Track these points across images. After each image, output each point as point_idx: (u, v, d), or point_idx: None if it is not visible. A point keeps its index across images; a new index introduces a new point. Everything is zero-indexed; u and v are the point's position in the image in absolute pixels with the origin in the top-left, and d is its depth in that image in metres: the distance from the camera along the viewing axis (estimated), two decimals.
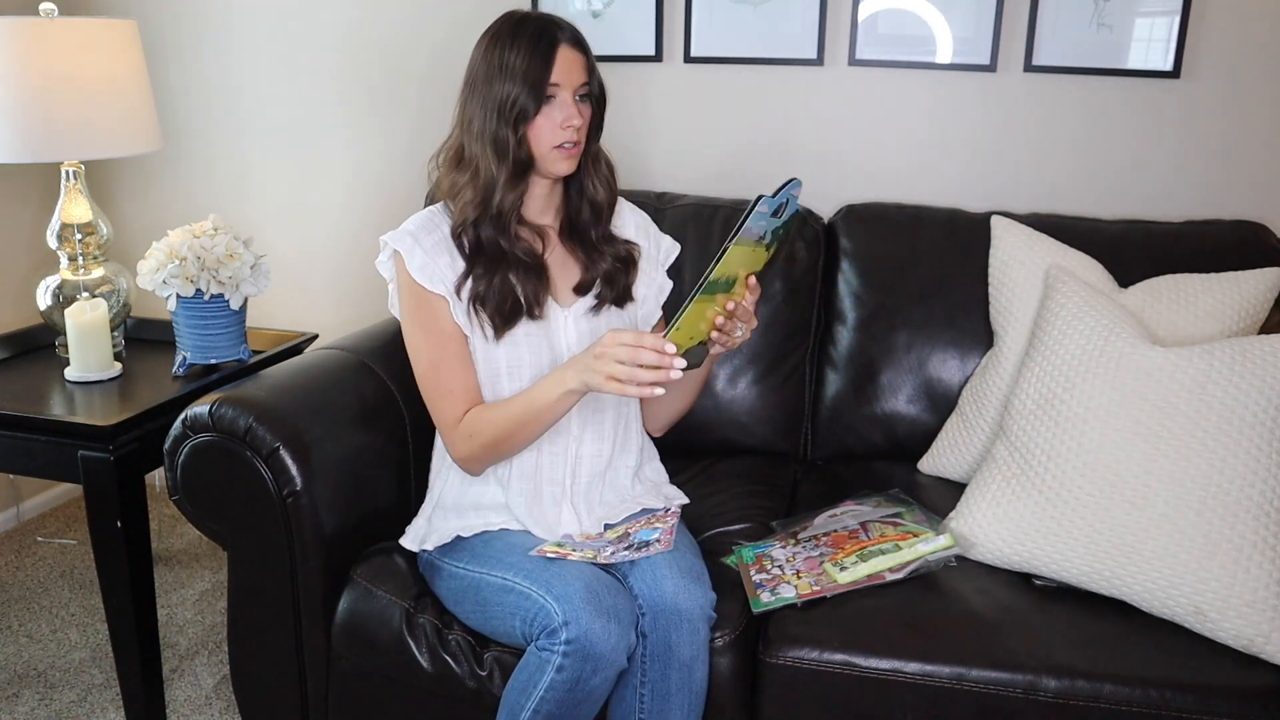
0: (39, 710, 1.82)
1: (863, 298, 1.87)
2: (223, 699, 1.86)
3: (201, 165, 2.50)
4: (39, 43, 1.73)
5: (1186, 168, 1.99)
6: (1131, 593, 1.35)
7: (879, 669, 1.30)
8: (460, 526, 1.44)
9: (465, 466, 1.43)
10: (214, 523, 1.49)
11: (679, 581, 1.29)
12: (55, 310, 1.91)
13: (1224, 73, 1.92)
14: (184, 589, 2.22)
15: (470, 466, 1.42)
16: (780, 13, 2.07)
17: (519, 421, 1.34)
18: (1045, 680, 1.26)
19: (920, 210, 1.93)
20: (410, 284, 1.39)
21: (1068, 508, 1.39)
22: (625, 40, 2.15)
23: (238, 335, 1.87)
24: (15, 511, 2.52)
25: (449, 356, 1.40)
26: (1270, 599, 1.27)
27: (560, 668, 1.20)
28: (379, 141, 2.37)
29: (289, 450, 1.41)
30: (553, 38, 1.35)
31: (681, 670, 1.28)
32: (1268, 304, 1.59)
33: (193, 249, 1.76)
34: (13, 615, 2.12)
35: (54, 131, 1.77)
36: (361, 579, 1.46)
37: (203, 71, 2.43)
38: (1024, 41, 1.98)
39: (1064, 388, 1.44)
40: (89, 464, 1.61)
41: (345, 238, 2.44)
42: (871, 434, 1.86)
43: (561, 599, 1.22)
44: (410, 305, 1.41)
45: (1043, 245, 1.70)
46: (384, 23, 2.29)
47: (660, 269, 1.57)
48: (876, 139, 2.11)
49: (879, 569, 1.38)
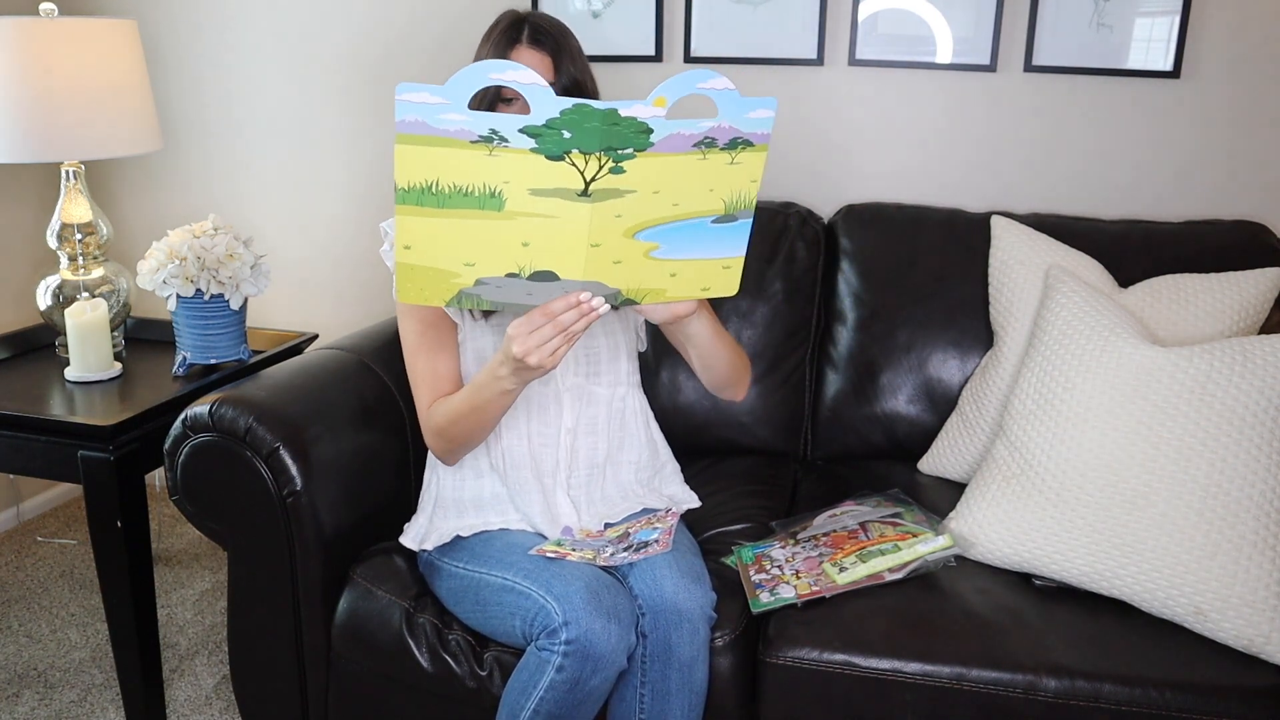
0: (39, 710, 1.82)
1: (863, 298, 1.87)
2: (223, 699, 1.86)
3: (201, 165, 2.51)
4: (39, 43, 1.73)
5: (1187, 168, 1.99)
6: (1131, 593, 1.35)
7: (879, 669, 1.30)
8: (460, 526, 1.45)
9: (439, 456, 1.43)
10: (214, 523, 1.49)
11: (679, 582, 1.29)
12: (55, 310, 1.91)
13: (1224, 73, 1.92)
14: (184, 589, 2.22)
15: (441, 456, 1.43)
16: (780, 13, 2.07)
17: (464, 412, 1.33)
18: (1045, 680, 1.26)
19: (920, 210, 1.93)
20: None
21: (1068, 508, 1.39)
22: (625, 40, 2.15)
23: (238, 335, 1.87)
24: (15, 511, 2.52)
25: (425, 343, 1.41)
26: (1270, 599, 1.27)
27: (560, 668, 1.20)
28: (379, 141, 2.37)
29: (289, 450, 1.41)
30: (512, 37, 1.34)
31: (681, 670, 1.28)
32: (1268, 304, 1.59)
33: (193, 249, 1.76)
34: (13, 615, 2.12)
35: (54, 131, 1.77)
36: (361, 579, 1.46)
37: (203, 71, 2.44)
38: (1024, 41, 1.98)
39: (1064, 388, 1.44)
40: (89, 464, 1.61)
41: (345, 237, 2.44)
42: (871, 434, 1.86)
43: (561, 599, 1.22)
44: None
45: (1043, 245, 1.70)
46: (385, 22, 2.29)
47: None
48: (876, 139, 2.11)
49: (878, 569, 1.38)
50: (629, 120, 1.04)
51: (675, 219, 1.11)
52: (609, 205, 1.07)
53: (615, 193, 1.07)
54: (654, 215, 1.10)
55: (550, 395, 1.44)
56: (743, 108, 1.06)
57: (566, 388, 1.45)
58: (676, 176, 1.07)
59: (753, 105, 1.06)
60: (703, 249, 1.14)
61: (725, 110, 1.07)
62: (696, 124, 1.05)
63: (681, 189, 1.09)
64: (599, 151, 1.04)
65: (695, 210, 1.10)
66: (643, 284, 1.15)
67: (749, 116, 1.07)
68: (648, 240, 1.11)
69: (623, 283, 1.14)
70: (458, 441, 1.38)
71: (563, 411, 1.44)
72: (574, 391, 1.46)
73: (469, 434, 1.36)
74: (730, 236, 1.14)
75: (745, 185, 1.11)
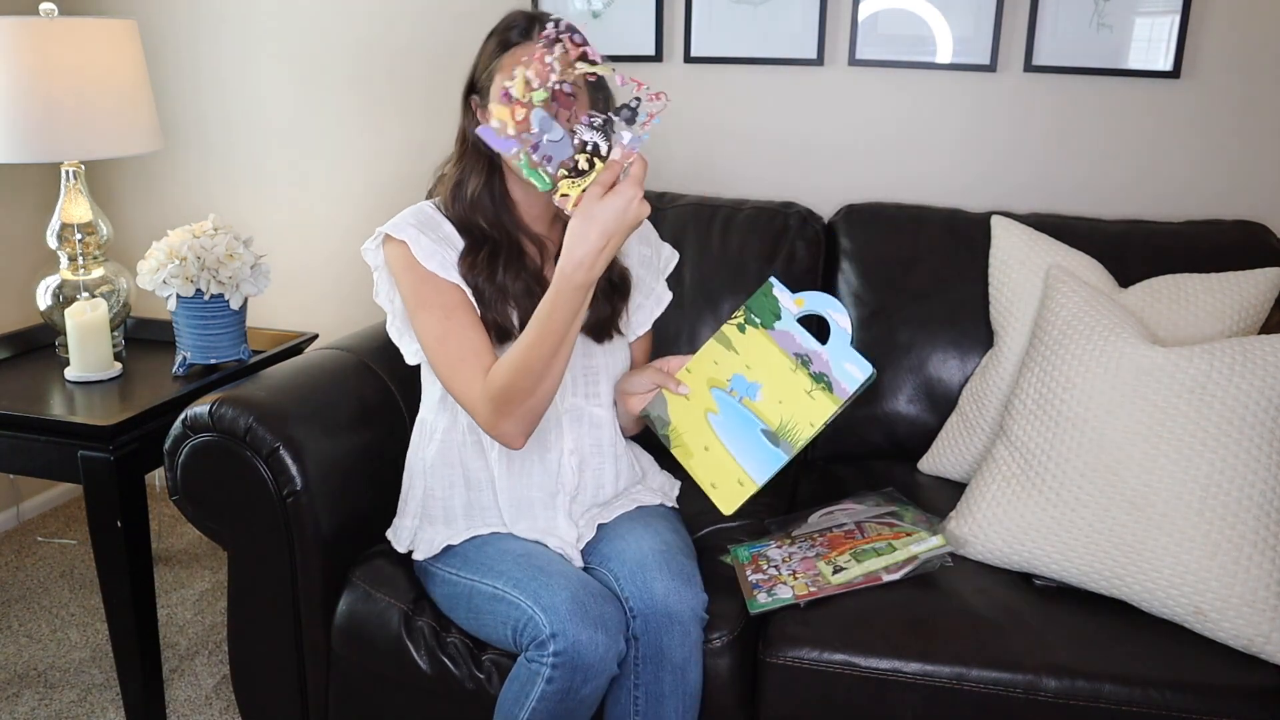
0: (39, 710, 1.82)
1: (863, 298, 1.87)
2: (223, 699, 1.86)
3: (201, 165, 2.51)
4: (39, 43, 1.73)
5: (1187, 168, 1.99)
6: (1131, 593, 1.35)
7: (879, 669, 1.30)
8: (450, 535, 1.43)
9: (506, 439, 1.29)
10: (214, 523, 1.49)
11: (669, 584, 1.29)
12: (55, 310, 1.91)
13: (1224, 73, 1.92)
14: (184, 589, 2.22)
15: (509, 437, 1.29)
16: (780, 13, 2.07)
17: (531, 343, 1.21)
18: (1045, 680, 1.26)
19: (920, 210, 1.93)
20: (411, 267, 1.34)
21: (1068, 508, 1.39)
22: (625, 40, 2.15)
23: (238, 335, 1.87)
24: (15, 511, 2.52)
25: (454, 325, 1.31)
26: (1270, 599, 1.27)
27: (550, 679, 1.20)
28: (380, 141, 2.37)
29: (289, 450, 1.41)
30: (506, 38, 1.32)
31: (674, 673, 1.28)
32: (1268, 304, 1.59)
33: (193, 249, 1.76)
34: (13, 615, 2.12)
35: (54, 131, 1.77)
36: (360, 581, 1.46)
37: (203, 71, 2.44)
38: (1024, 41, 1.98)
39: (1064, 388, 1.44)
40: (89, 464, 1.61)
41: (345, 237, 2.44)
42: (871, 434, 1.86)
43: (549, 609, 1.22)
44: (410, 289, 1.35)
45: (1043, 245, 1.70)
46: (385, 21, 2.29)
47: (660, 278, 1.56)
48: (877, 139, 2.11)
49: (874, 569, 1.38)
50: (773, 299, 1.26)
51: (743, 403, 1.26)
52: (715, 350, 1.28)
53: (727, 344, 1.28)
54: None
55: (550, 418, 1.41)
56: (844, 355, 1.21)
57: (566, 409, 1.42)
58: (770, 368, 1.24)
59: (852, 358, 1.21)
60: (740, 448, 1.25)
61: (833, 344, 1.22)
62: (808, 339, 1.23)
63: (765, 382, 1.25)
64: (742, 308, 1.28)
65: (760, 409, 1.25)
66: (684, 434, 1.29)
67: (845, 365, 1.21)
68: (717, 400, 1.27)
69: (676, 419, 1.30)
70: (529, 388, 1.23)
71: (563, 434, 1.42)
72: (573, 413, 1.43)
73: (544, 366, 1.22)
74: (764, 457, 1.25)
75: (804, 421, 1.23)
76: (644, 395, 1.38)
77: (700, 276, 1.88)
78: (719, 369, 1.28)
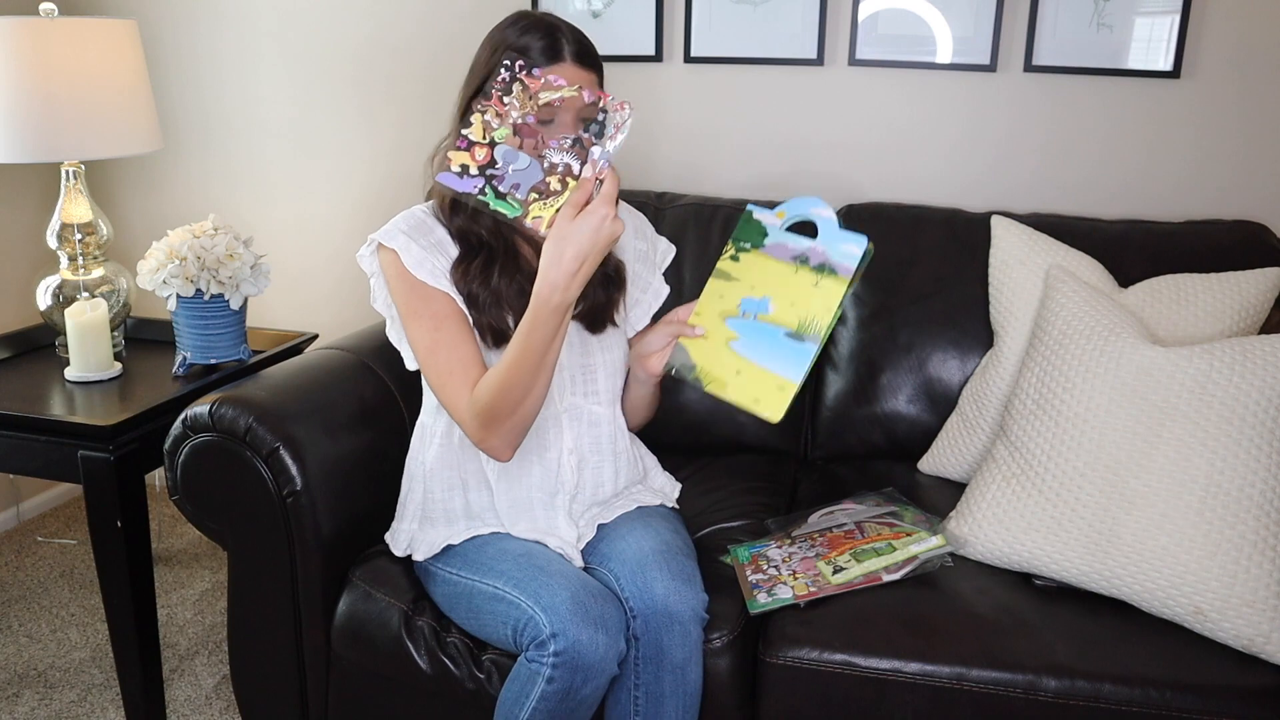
0: (39, 710, 1.82)
1: (863, 298, 1.87)
2: (223, 699, 1.86)
3: (201, 165, 2.51)
4: (39, 43, 1.73)
5: (1187, 168, 1.99)
6: (1131, 593, 1.35)
7: (879, 669, 1.30)
8: (450, 535, 1.43)
9: (493, 453, 1.30)
10: (214, 523, 1.49)
11: (669, 584, 1.29)
12: (55, 310, 1.91)
13: (1224, 73, 1.92)
14: (184, 589, 2.22)
15: (495, 450, 1.30)
16: (780, 13, 2.07)
17: (514, 360, 1.22)
18: (1045, 680, 1.26)
19: (920, 210, 1.93)
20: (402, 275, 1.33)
21: (1067, 508, 1.39)
22: (625, 40, 2.15)
23: (238, 335, 1.87)
24: (15, 511, 2.52)
25: (444, 336, 1.32)
26: (1270, 599, 1.27)
27: (550, 679, 1.20)
28: (380, 141, 2.38)
29: (289, 450, 1.41)
30: (553, 53, 1.27)
31: (674, 673, 1.28)
32: (1268, 304, 1.59)
33: (193, 249, 1.76)
34: (13, 615, 2.12)
35: (54, 131, 1.77)
36: (360, 581, 1.46)
37: (203, 71, 2.44)
38: (1024, 41, 1.98)
39: (1064, 388, 1.44)
40: (89, 464, 1.61)
41: (345, 237, 2.44)
42: (871, 434, 1.86)
43: (549, 609, 1.22)
44: (402, 298, 1.35)
45: (1043, 245, 1.70)
46: (386, 21, 2.29)
47: (656, 272, 1.56)
48: (876, 139, 2.11)
49: (874, 569, 1.38)
50: (755, 222, 1.30)
51: (759, 319, 1.28)
52: (718, 285, 1.31)
53: (726, 276, 1.31)
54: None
55: (549, 417, 1.41)
56: (837, 239, 1.23)
57: (565, 408, 1.42)
58: (772, 280, 1.27)
59: (846, 239, 1.22)
60: (770, 358, 1.26)
61: (823, 235, 1.24)
62: (799, 240, 1.26)
63: (772, 293, 1.27)
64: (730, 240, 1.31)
65: (776, 318, 1.26)
66: (713, 369, 1.30)
67: (840, 247, 1.22)
68: (733, 328, 1.29)
69: (700, 359, 1.31)
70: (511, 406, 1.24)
71: (562, 433, 1.41)
72: (572, 412, 1.42)
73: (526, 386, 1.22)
74: (794, 356, 1.25)
75: (820, 311, 1.24)
76: (661, 352, 1.37)
77: (700, 276, 1.86)
78: (726, 301, 1.30)
